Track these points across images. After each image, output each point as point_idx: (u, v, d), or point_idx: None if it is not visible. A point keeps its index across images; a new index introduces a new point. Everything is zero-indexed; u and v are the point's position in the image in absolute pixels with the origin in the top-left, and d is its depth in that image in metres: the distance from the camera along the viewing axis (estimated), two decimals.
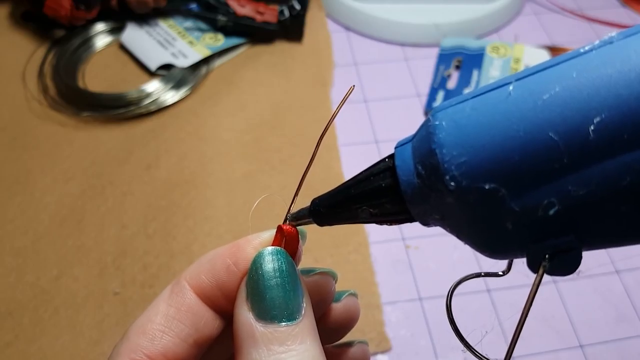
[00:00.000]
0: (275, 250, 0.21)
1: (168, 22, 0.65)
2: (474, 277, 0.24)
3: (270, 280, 0.20)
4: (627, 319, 0.45)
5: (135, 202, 0.50)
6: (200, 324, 0.21)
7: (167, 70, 0.61)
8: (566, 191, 0.16)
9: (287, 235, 0.22)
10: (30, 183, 0.52)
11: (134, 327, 0.21)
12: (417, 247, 0.48)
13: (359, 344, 0.26)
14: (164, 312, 0.21)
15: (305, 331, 0.19)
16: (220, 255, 0.22)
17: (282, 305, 0.20)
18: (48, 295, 0.45)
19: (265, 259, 0.20)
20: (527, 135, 0.16)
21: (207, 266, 0.22)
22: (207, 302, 0.22)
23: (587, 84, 0.16)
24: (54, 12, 0.60)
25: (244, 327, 0.19)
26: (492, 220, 0.17)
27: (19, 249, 0.47)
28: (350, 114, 0.59)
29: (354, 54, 0.65)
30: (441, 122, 0.18)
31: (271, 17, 0.64)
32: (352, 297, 0.25)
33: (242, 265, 0.21)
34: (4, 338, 0.42)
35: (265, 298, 0.20)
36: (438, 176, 0.17)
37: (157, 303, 0.22)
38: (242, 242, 0.22)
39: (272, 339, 0.19)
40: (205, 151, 0.55)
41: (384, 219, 0.21)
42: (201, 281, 0.22)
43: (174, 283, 0.22)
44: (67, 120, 0.57)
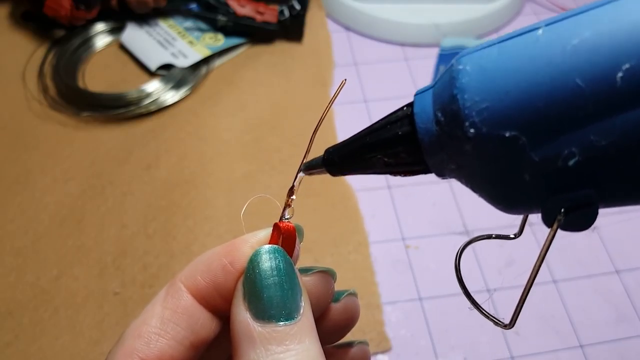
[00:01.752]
0: (272, 249, 0.20)
1: (168, 22, 0.65)
2: (485, 238, 0.23)
3: (268, 279, 0.20)
4: (627, 319, 0.45)
5: (135, 202, 0.50)
6: (197, 325, 0.21)
7: (167, 70, 0.61)
8: (588, 141, 0.15)
9: (284, 232, 0.21)
10: (31, 183, 0.52)
11: (130, 330, 0.21)
12: (417, 247, 0.48)
13: (359, 345, 0.25)
14: (159, 315, 0.21)
15: (303, 330, 0.19)
16: (216, 255, 0.21)
17: (279, 304, 0.19)
18: (48, 295, 0.45)
19: (262, 258, 0.20)
20: (553, 82, 0.16)
21: (202, 267, 0.21)
22: (204, 303, 0.21)
23: (619, 29, 0.15)
24: (54, 12, 0.60)
25: (242, 328, 0.19)
26: (510, 170, 0.17)
27: (19, 249, 0.47)
28: (350, 114, 0.59)
29: (354, 54, 0.65)
30: (465, 66, 0.17)
31: (271, 17, 0.64)
32: (352, 296, 0.25)
33: (238, 264, 0.21)
34: (4, 338, 0.42)
35: (263, 297, 0.19)
36: (457, 123, 0.17)
37: (153, 305, 0.21)
38: (238, 242, 0.21)
39: (270, 339, 0.19)
40: (205, 151, 0.55)
41: (398, 170, 0.20)
42: (197, 282, 0.21)
43: (169, 285, 0.22)
44: (67, 120, 0.57)
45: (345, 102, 0.60)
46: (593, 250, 0.48)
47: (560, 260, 0.47)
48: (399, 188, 0.53)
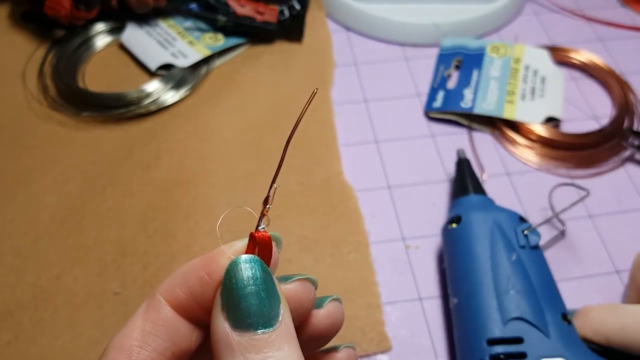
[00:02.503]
0: (248, 258, 0.21)
1: (168, 22, 0.65)
2: None
3: (244, 288, 0.20)
4: None
5: (135, 202, 0.50)
6: (178, 337, 0.21)
7: (167, 70, 0.61)
8: None
9: (260, 242, 0.22)
10: (30, 183, 0.52)
11: (112, 343, 0.21)
12: (417, 247, 0.48)
13: (345, 348, 0.25)
14: (140, 327, 0.21)
15: (282, 337, 0.19)
16: (193, 267, 0.22)
17: (257, 312, 0.19)
18: (48, 295, 0.45)
19: (238, 267, 0.20)
20: None
21: (180, 279, 0.22)
22: (184, 315, 0.22)
23: None
24: (54, 12, 0.60)
25: (221, 337, 0.19)
26: None
27: (19, 249, 0.47)
28: (350, 114, 0.59)
29: (354, 54, 0.65)
30: None
31: (271, 17, 0.64)
32: (335, 302, 0.25)
33: (216, 276, 0.21)
34: (4, 338, 0.42)
35: (240, 307, 0.20)
36: None
37: (134, 319, 0.22)
38: (215, 253, 0.22)
39: (249, 347, 0.19)
40: (205, 151, 0.55)
41: None
42: (176, 294, 0.22)
43: (149, 298, 0.22)
44: (67, 120, 0.57)
45: (345, 102, 0.60)
46: (593, 250, 0.48)
47: (560, 260, 0.47)
48: (399, 188, 0.53)
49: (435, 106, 0.58)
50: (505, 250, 0.40)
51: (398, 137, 0.57)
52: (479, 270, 0.40)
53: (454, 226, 0.44)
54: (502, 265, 0.40)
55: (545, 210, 0.50)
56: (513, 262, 0.40)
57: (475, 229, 0.42)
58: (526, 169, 0.54)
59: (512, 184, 0.53)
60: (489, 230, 0.42)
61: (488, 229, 0.42)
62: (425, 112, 0.59)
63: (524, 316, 0.37)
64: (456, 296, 0.41)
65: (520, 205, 0.51)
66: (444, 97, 0.59)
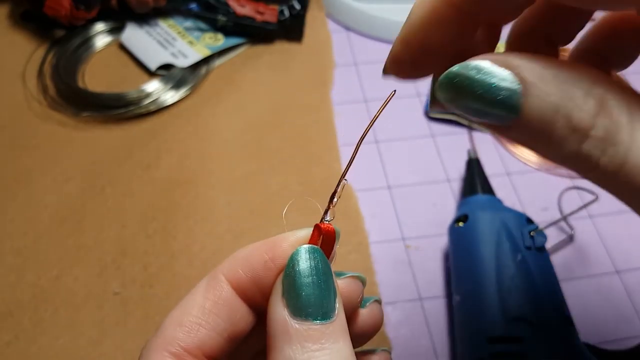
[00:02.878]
0: (312, 249, 0.21)
1: (168, 22, 0.65)
2: None
3: (307, 277, 0.20)
4: (628, 320, 0.45)
5: (135, 202, 0.50)
6: (236, 318, 0.21)
7: (167, 70, 0.61)
8: None
9: (325, 233, 0.22)
10: (30, 183, 0.52)
11: (170, 319, 0.21)
12: (417, 247, 0.48)
13: (382, 352, 0.26)
14: (200, 305, 0.21)
15: (338, 331, 0.19)
16: (257, 250, 0.22)
17: (317, 303, 0.19)
18: (48, 295, 0.45)
19: (302, 257, 0.20)
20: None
21: (243, 261, 0.22)
22: (243, 297, 0.22)
23: None
24: (54, 11, 0.60)
25: (279, 324, 0.19)
26: None
27: (19, 248, 0.47)
28: (350, 114, 0.59)
29: (354, 54, 0.65)
30: None
31: (271, 17, 0.64)
32: (377, 303, 0.25)
33: (278, 261, 0.21)
34: (4, 338, 0.42)
35: (301, 295, 0.20)
36: None
37: (193, 296, 0.21)
38: (279, 239, 0.22)
39: (307, 337, 0.19)
40: (205, 151, 0.55)
41: None
42: (238, 275, 0.22)
43: (209, 276, 0.22)
44: (67, 120, 0.57)
45: (345, 102, 0.60)
46: (593, 250, 0.48)
47: (560, 261, 0.47)
48: (399, 188, 0.53)
49: None
50: (510, 251, 0.40)
51: (398, 137, 0.57)
52: (483, 269, 0.40)
53: (461, 225, 0.44)
54: (507, 265, 0.40)
55: (546, 211, 0.50)
56: (518, 262, 0.40)
57: (482, 228, 0.42)
58: (526, 169, 0.54)
59: (512, 184, 0.53)
60: (495, 230, 0.42)
61: (494, 229, 0.42)
62: (425, 112, 0.59)
63: (526, 316, 0.37)
64: (459, 294, 0.41)
65: (521, 205, 0.51)
66: None
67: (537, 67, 0.18)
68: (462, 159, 0.54)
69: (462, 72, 0.19)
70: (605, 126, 0.17)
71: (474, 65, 0.19)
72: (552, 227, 0.47)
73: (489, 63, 0.18)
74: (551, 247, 0.47)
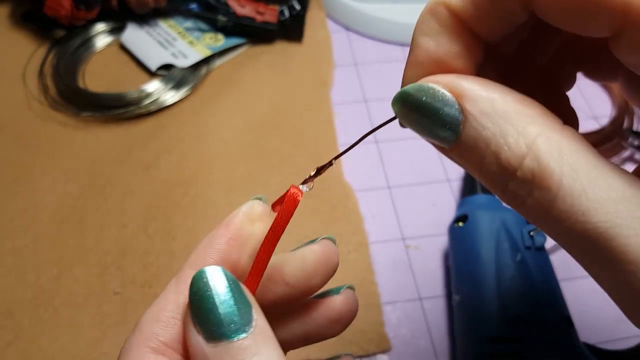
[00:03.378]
0: (211, 269, 0.20)
1: (168, 22, 0.65)
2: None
3: (211, 299, 0.20)
4: (627, 319, 0.45)
5: (135, 202, 0.50)
6: None
7: (167, 70, 0.61)
8: None
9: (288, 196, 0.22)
10: (31, 183, 0.52)
11: (146, 317, 0.21)
12: (417, 247, 0.48)
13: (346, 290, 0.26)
14: (174, 301, 0.21)
15: (258, 341, 0.19)
16: (216, 234, 0.22)
17: (228, 321, 0.19)
18: (48, 295, 0.45)
19: (202, 280, 0.20)
20: None
21: (207, 248, 0.22)
22: None
23: None
24: (54, 12, 0.60)
25: (196, 352, 0.19)
26: None
27: (19, 248, 0.47)
28: (350, 113, 0.59)
29: (354, 54, 0.65)
30: None
31: (271, 17, 0.64)
32: (351, 290, 0.26)
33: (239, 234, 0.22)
34: (4, 338, 0.42)
35: (209, 318, 0.19)
36: None
37: (166, 294, 0.22)
38: (231, 217, 0.23)
39: (225, 357, 0.19)
40: (205, 151, 0.55)
41: None
42: (207, 263, 0.22)
43: (178, 275, 0.22)
44: (68, 120, 0.57)
45: (345, 102, 0.60)
46: None
47: (560, 261, 0.47)
48: (399, 188, 0.53)
49: None
50: (510, 251, 0.40)
51: (398, 137, 0.57)
52: (482, 269, 0.40)
53: (460, 225, 0.44)
54: (507, 265, 0.40)
55: None
56: (517, 262, 0.40)
57: (481, 228, 0.42)
58: None
59: None
60: (494, 230, 0.42)
61: (494, 229, 0.42)
62: None
63: (526, 316, 0.37)
64: (459, 293, 0.41)
65: None
66: None
67: (481, 97, 0.18)
68: None
69: (414, 93, 0.19)
70: (532, 169, 0.17)
71: (427, 87, 0.19)
72: None
73: (440, 87, 0.19)
74: (551, 247, 0.47)
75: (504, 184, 0.18)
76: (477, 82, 0.19)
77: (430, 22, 0.20)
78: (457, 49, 0.20)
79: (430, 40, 0.20)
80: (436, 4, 0.20)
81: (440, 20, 0.19)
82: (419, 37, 0.20)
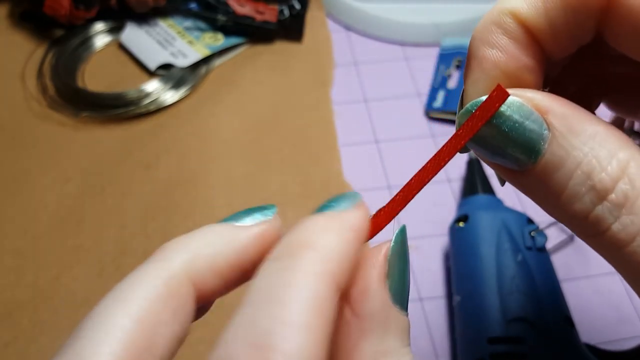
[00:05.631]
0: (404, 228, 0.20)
1: (167, 22, 0.65)
2: None
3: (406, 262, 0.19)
4: (628, 320, 0.45)
5: (135, 202, 0.50)
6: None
7: (166, 70, 0.61)
8: None
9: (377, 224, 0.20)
10: (30, 183, 0.52)
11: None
12: (417, 247, 0.48)
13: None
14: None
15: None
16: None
17: (405, 293, 0.19)
18: (47, 296, 0.45)
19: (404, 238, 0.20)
20: None
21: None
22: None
23: None
24: (53, 11, 0.60)
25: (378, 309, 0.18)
26: None
27: (18, 249, 0.47)
28: (350, 114, 0.59)
29: (354, 53, 0.65)
30: None
31: (271, 17, 0.64)
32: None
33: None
34: (4, 338, 0.42)
35: (403, 281, 0.19)
36: None
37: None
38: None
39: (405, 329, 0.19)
40: (205, 151, 0.54)
41: None
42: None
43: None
44: (67, 120, 0.56)
45: (345, 102, 0.60)
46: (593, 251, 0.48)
47: (560, 261, 0.47)
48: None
49: (435, 106, 0.58)
50: (511, 251, 0.40)
51: (398, 137, 0.57)
52: (483, 270, 0.40)
53: (461, 225, 0.44)
54: (507, 265, 0.40)
55: None
56: (518, 262, 0.40)
57: (482, 228, 0.42)
58: None
59: None
60: (495, 230, 0.42)
61: (495, 229, 0.42)
62: (425, 112, 0.59)
63: (526, 317, 0.37)
64: (459, 294, 0.41)
65: (521, 205, 0.51)
66: (444, 97, 0.59)
67: (567, 116, 0.17)
68: (462, 159, 0.54)
69: None
70: (625, 192, 0.16)
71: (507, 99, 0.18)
72: (552, 227, 0.47)
73: (520, 101, 0.17)
74: (552, 247, 0.47)
75: (589, 208, 0.17)
76: (558, 98, 0.18)
77: (496, 33, 0.18)
78: (529, 63, 0.18)
79: (498, 53, 0.18)
80: (502, 14, 0.18)
81: (509, 32, 0.18)
82: (484, 49, 0.19)
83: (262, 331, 0.14)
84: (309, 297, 0.15)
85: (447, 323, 0.44)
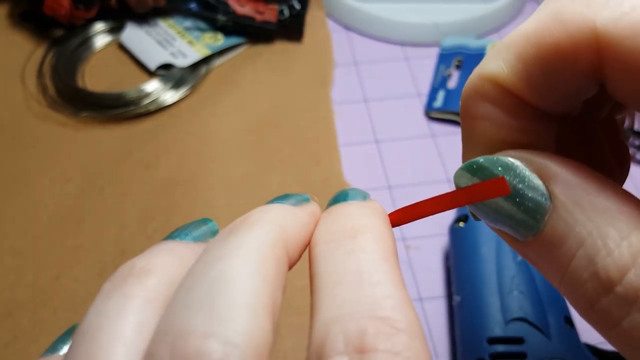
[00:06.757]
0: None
1: (167, 22, 0.65)
2: None
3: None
4: None
5: (135, 202, 0.50)
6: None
7: (166, 70, 0.61)
8: None
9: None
10: (29, 183, 0.52)
11: None
12: (417, 247, 0.48)
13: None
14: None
15: None
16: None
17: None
18: (47, 296, 0.44)
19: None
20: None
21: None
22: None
23: None
24: (53, 11, 0.60)
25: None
26: None
27: (18, 249, 0.47)
28: (350, 114, 0.59)
29: (354, 53, 0.65)
30: None
31: (271, 17, 0.64)
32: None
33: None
34: (4, 338, 0.42)
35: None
36: None
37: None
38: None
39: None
40: (205, 151, 0.54)
41: None
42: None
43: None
44: (67, 120, 0.56)
45: (345, 102, 0.60)
46: None
47: None
48: (400, 188, 0.53)
49: (435, 106, 0.58)
50: (511, 251, 0.40)
51: (398, 137, 0.57)
52: (483, 269, 0.40)
53: (461, 225, 0.44)
54: (507, 265, 0.40)
55: None
56: (518, 262, 0.40)
57: (482, 228, 0.42)
58: None
59: None
60: None
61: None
62: (425, 112, 0.59)
63: (526, 317, 0.37)
64: (459, 294, 0.41)
65: None
66: (444, 97, 0.59)
67: (574, 185, 0.15)
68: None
69: (487, 167, 0.16)
70: (636, 287, 0.13)
71: (503, 162, 0.15)
72: None
73: (521, 164, 0.15)
74: None
75: (594, 299, 0.14)
76: (565, 162, 0.15)
77: (478, 101, 0.17)
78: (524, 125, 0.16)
79: (486, 123, 0.17)
80: (480, 80, 0.16)
81: (492, 100, 0.16)
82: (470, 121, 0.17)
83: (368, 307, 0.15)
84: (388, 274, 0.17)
85: (447, 323, 0.44)
